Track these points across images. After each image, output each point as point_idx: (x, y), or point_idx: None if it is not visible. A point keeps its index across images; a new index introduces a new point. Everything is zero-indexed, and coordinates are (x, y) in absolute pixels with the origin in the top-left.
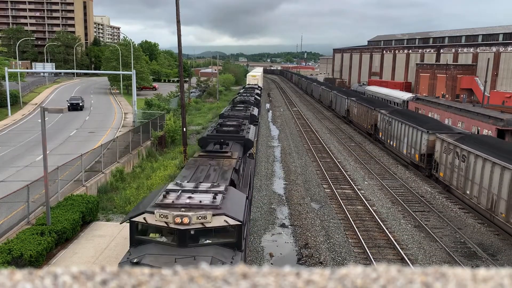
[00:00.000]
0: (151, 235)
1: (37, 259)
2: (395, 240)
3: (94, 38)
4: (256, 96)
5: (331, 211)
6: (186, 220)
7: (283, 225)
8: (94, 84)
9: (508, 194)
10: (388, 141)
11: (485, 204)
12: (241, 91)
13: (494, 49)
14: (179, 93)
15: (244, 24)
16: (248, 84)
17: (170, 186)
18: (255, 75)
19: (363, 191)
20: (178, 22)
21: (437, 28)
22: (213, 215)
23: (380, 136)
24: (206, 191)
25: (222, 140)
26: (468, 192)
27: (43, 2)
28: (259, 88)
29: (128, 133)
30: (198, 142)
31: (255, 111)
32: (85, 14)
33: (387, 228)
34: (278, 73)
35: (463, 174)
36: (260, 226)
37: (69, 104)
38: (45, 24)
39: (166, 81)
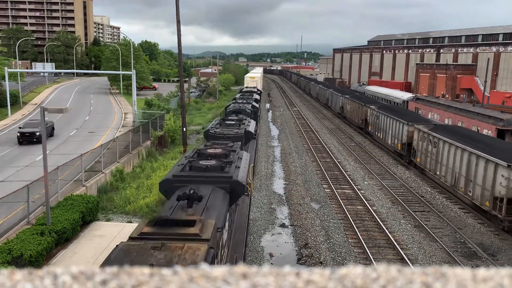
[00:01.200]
0: None
1: (37, 259)
2: (395, 240)
3: (94, 38)
4: (254, 103)
5: (331, 211)
6: None
7: (283, 225)
8: (94, 84)
9: (466, 171)
10: (376, 133)
11: (450, 181)
12: (237, 96)
13: (494, 49)
14: (179, 93)
15: (244, 24)
16: (246, 87)
17: None
18: (254, 77)
19: (363, 191)
20: (178, 22)
21: (437, 28)
22: None
23: (370, 129)
24: None
25: (192, 191)
26: (438, 172)
27: (43, 2)
28: (259, 92)
29: (128, 133)
30: (159, 187)
31: (252, 126)
32: (85, 14)
33: (387, 228)
34: (277, 73)
35: (434, 158)
36: (260, 226)
37: (19, 134)
38: (45, 24)
39: (166, 81)
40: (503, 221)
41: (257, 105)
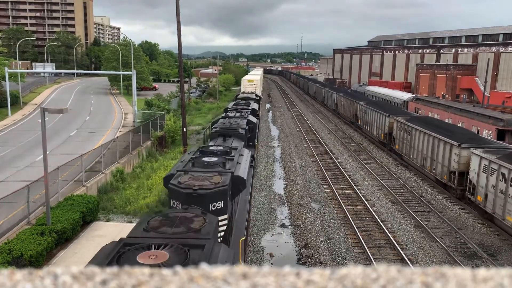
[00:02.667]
0: None
1: (37, 259)
2: (395, 240)
3: (94, 38)
4: (250, 118)
5: (331, 211)
6: None
7: (283, 225)
8: (94, 84)
9: (431, 153)
10: (364, 126)
11: (419, 162)
12: (230, 106)
13: (494, 49)
14: (179, 93)
15: (244, 24)
16: (243, 93)
17: None
18: (253, 80)
19: (363, 191)
20: (178, 22)
21: (437, 28)
22: None
23: (359, 123)
24: None
25: None
26: (411, 156)
27: (43, 2)
28: (257, 99)
29: (128, 133)
30: None
31: (244, 164)
32: (85, 14)
33: (387, 228)
34: (277, 73)
35: (408, 144)
36: (260, 226)
37: None
38: (45, 24)
39: (166, 81)
40: (456, 190)
41: (254, 120)
